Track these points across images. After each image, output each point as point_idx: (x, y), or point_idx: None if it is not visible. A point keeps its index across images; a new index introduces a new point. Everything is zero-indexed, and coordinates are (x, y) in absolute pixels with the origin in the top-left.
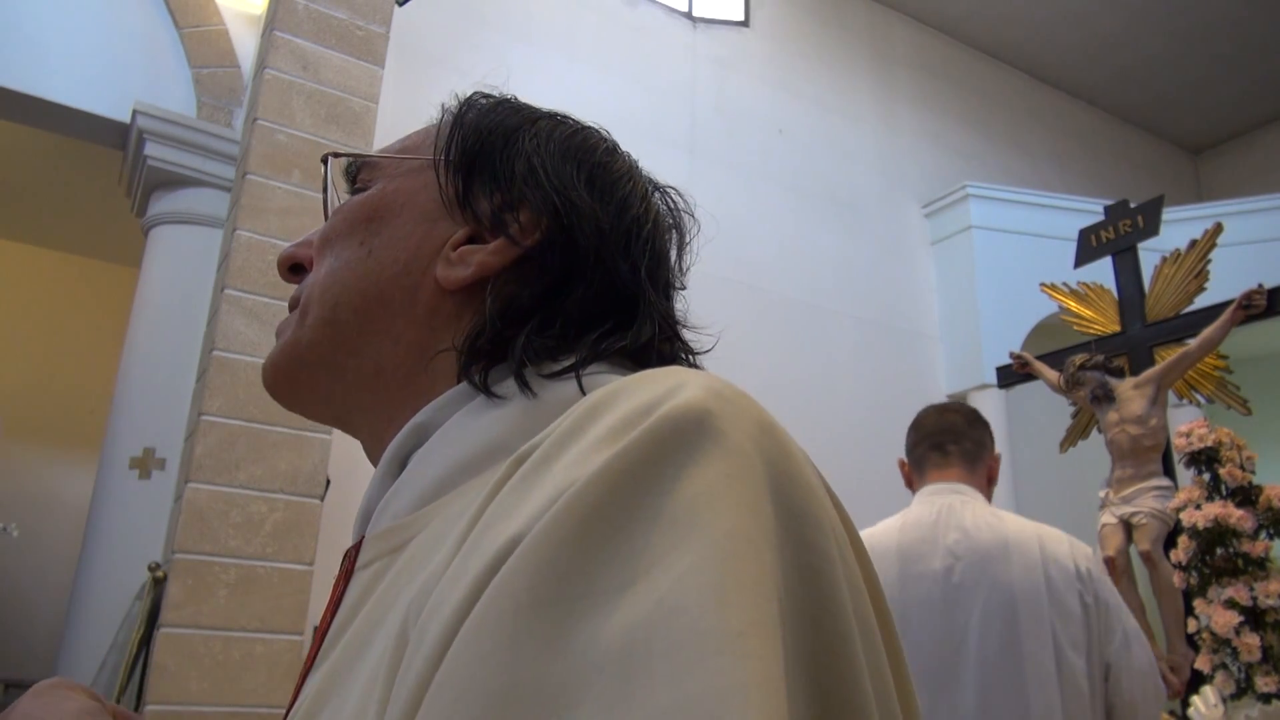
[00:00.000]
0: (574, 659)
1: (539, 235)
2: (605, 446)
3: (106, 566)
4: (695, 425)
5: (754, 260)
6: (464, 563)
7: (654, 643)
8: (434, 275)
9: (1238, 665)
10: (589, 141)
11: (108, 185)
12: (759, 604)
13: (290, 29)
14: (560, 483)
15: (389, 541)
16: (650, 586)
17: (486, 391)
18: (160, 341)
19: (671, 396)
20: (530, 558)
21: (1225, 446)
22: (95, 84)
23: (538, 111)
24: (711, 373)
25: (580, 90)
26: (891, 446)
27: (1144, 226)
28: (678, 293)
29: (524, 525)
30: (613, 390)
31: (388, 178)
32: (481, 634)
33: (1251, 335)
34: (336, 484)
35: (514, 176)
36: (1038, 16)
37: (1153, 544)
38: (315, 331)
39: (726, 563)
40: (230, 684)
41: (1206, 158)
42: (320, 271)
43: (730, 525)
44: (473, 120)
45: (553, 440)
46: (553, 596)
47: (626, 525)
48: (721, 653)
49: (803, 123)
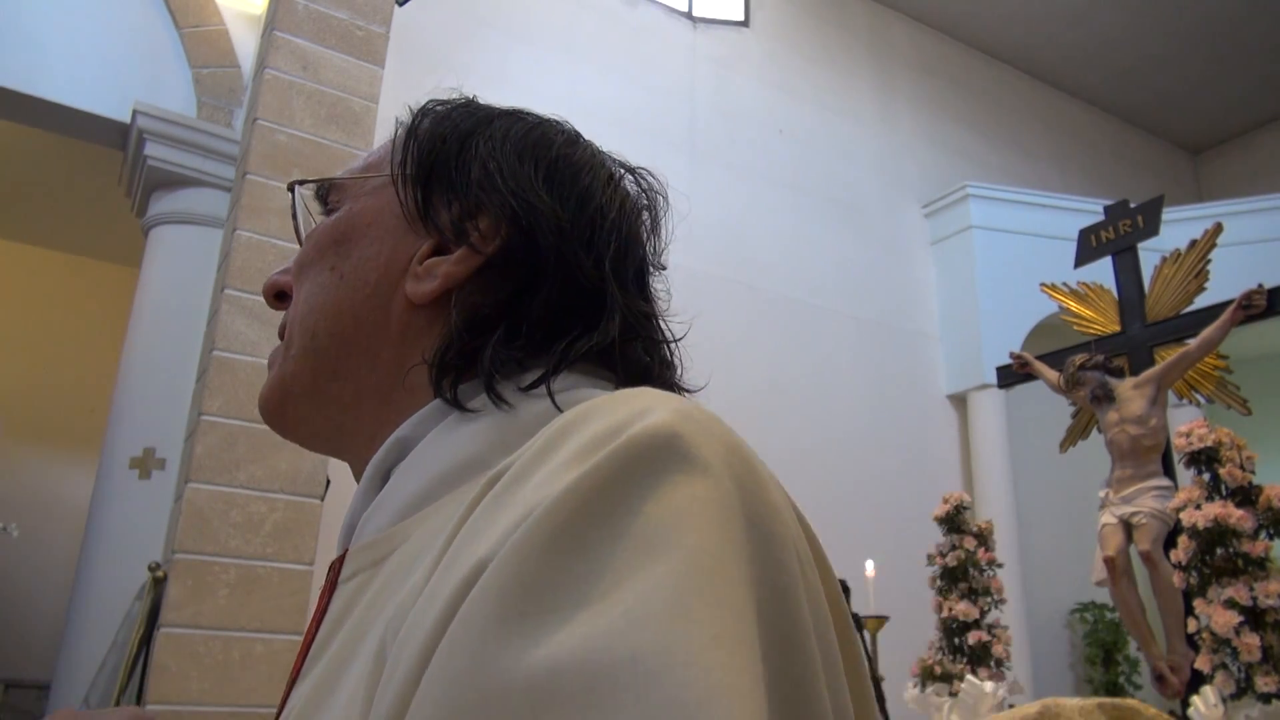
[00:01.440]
0: (543, 673)
1: (499, 241)
2: (574, 466)
3: (106, 566)
4: (663, 446)
5: (754, 260)
6: (438, 583)
7: (618, 653)
8: (403, 292)
9: (1238, 665)
10: (546, 136)
11: (108, 185)
12: (725, 618)
13: (290, 29)
14: (530, 502)
15: (370, 555)
16: (617, 600)
17: (459, 406)
18: (160, 341)
19: (640, 418)
20: (499, 576)
21: (1225, 446)
22: (95, 84)
23: (494, 111)
24: (681, 396)
25: (580, 90)
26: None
27: (1144, 226)
28: (657, 273)
29: (494, 545)
30: (583, 411)
31: (353, 198)
32: (454, 652)
33: (1251, 335)
34: (336, 484)
35: (470, 183)
36: (1038, 16)
37: (1153, 544)
38: (297, 363)
39: (693, 578)
40: (230, 684)
41: (1206, 158)
42: (298, 300)
43: (698, 543)
44: (426, 129)
45: (523, 461)
46: (521, 612)
47: (594, 542)
48: (689, 664)
49: (803, 123)
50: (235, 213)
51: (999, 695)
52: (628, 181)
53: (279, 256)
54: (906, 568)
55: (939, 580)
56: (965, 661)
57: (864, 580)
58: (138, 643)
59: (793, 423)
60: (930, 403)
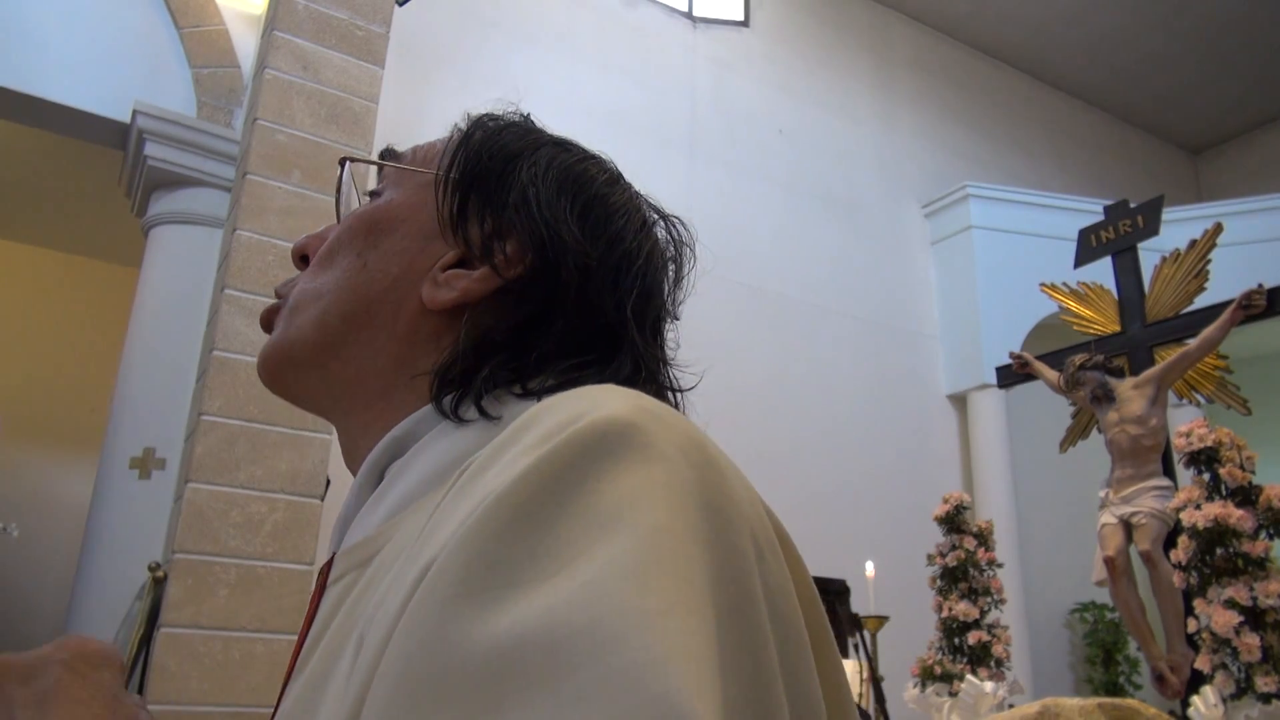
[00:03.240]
0: (499, 642)
1: (522, 268)
2: (531, 452)
3: (106, 566)
4: (619, 434)
5: (754, 260)
6: (403, 571)
7: (575, 622)
8: (420, 293)
9: (1238, 665)
10: (588, 173)
11: (108, 185)
12: (680, 588)
13: (290, 29)
14: (488, 488)
15: (357, 556)
16: (575, 573)
17: (455, 418)
18: (160, 341)
19: (597, 409)
20: (456, 555)
21: (1225, 446)
22: (95, 84)
23: (544, 138)
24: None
25: (580, 90)
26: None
27: (1144, 226)
28: (671, 323)
29: (452, 530)
30: (546, 404)
31: (395, 188)
32: (412, 627)
33: (1251, 335)
34: (336, 484)
35: (506, 205)
36: (1038, 16)
37: (1153, 544)
38: (302, 331)
39: (649, 552)
40: (230, 684)
41: (1206, 158)
42: (317, 276)
43: (653, 520)
44: (477, 141)
45: (486, 453)
46: (478, 587)
47: (550, 521)
48: (644, 629)
49: (802, 123)
50: (235, 213)
51: (999, 695)
52: (659, 228)
53: (279, 256)
54: (906, 568)
55: (939, 580)
56: (965, 661)
57: (864, 580)
58: (138, 643)
59: (793, 422)
60: (930, 402)
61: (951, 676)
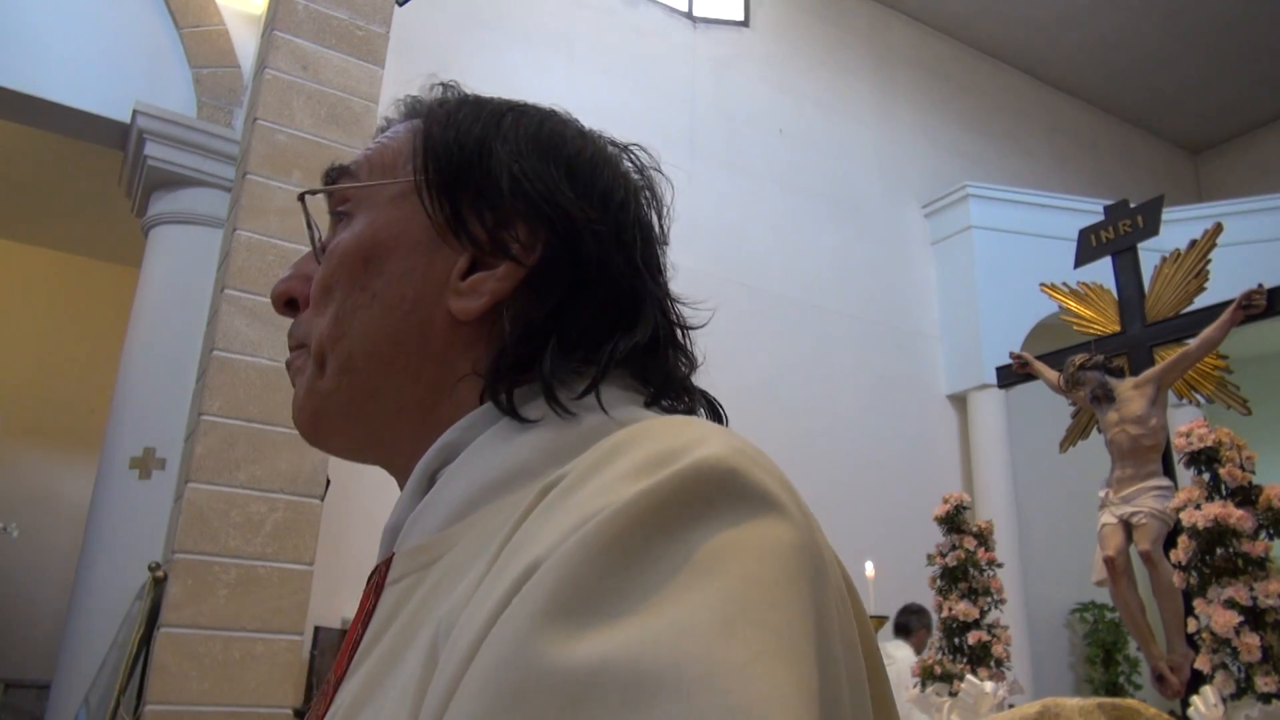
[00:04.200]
0: (582, 666)
1: (540, 251)
2: (633, 481)
3: (106, 566)
4: (720, 479)
5: (754, 260)
6: (492, 584)
7: (663, 659)
8: (444, 308)
9: (1238, 665)
10: (558, 131)
11: (108, 185)
12: (769, 639)
13: (290, 29)
14: (585, 511)
15: (419, 559)
16: (664, 612)
17: (516, 415)
18: (160, 341)
19: (697, 446)
20: (551, 575)
21: (1225, 446)
22: (95, 84)
23: (498, 108)
24: (728, 429)
25: (580, 90)
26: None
27: (1144, 226)
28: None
29: (547, 549)
30: (638, 431)
31: (369, 208)
32: (499, 643)
33: (1251, 335)
34: (336, 484)
35: (501, 192)
36: (1038, 16)
37: (1153, 544)
38: (333, 381)
39: (739, 602)
40: (230, 684)
41: (1206, 158)
42: (325, 319)
43: (745, 572)
44: (439, 136)
45: (578, 472)
46: (569, 610)
47: (649, 557)
48: (729, 675)
49: (803, 123)
50: (235, 213)
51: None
52: (626, 164)
53: (279, 256)
54: (906, 568)
55: (939, 580)
56: (965, 661)
57: (864, 580)
58: (138, 643)
59: (792, 423)
60: (930, 402)
61: (951, 676)
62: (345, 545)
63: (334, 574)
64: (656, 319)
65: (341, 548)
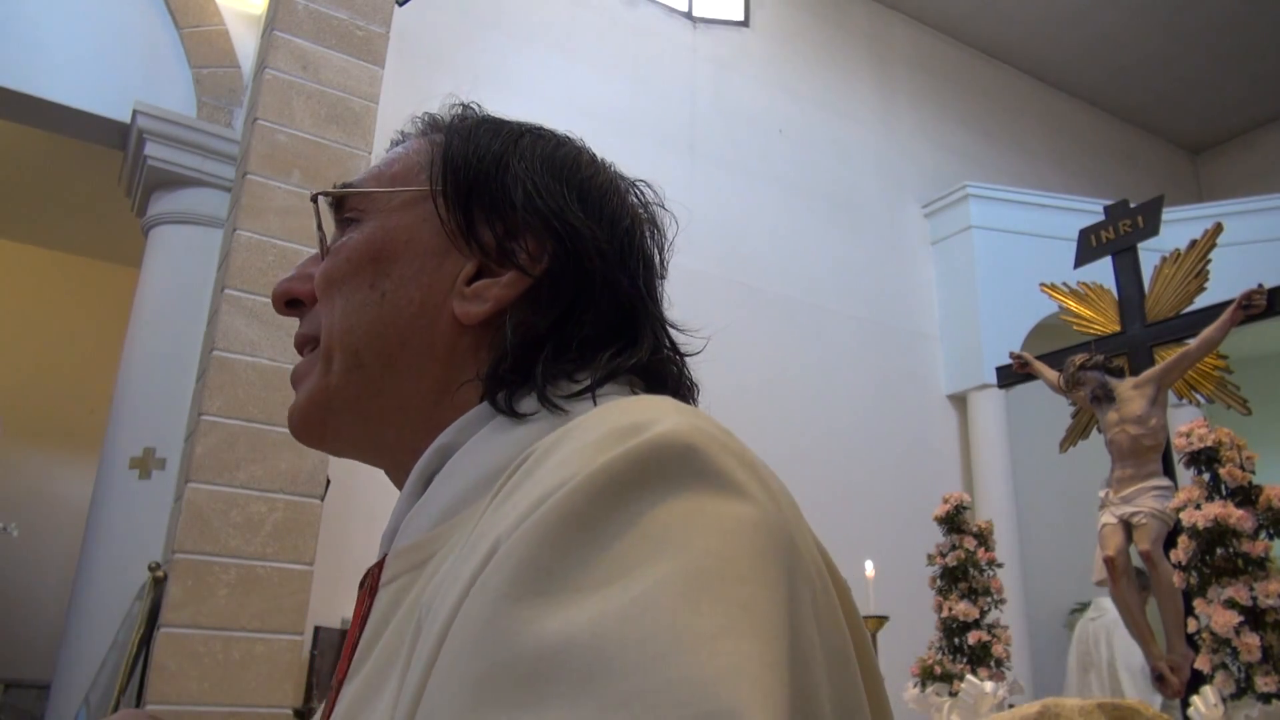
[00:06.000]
0: (546, 642)
1: (546, 263)
2: (589, 456)
3: (106, 566)
4: (680, 455)
5: (753, 260)
6: (461, 565)
7: (625, 633)
8: (449, 311)
9: (1238, 665)
10: (572, 156)
11: (108, 185)
12: (734, 614)
13: (290, 29)
14: (545, 487)
15: (410, 558)
16: (628, 587)
17: (514, 414)
18: (160, 341)
19: (656, 422)
20: (514, 552)
21: (1225, 446)
22: (95, 84)
23: (516, 129)
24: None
25: (580, 91)
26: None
27: (1144, 226)
28: (661, 283)
29: (509, 527)
30: (601, 410)
31: (381, 212)
32: (466, 623)
33: (1251, 335)
34: (336, 484)
35: (514, 205)
36: (1038, 16)
37: (1153, 544)
38: (341, 377)
39: (701, 576)
40: (230, 684)
41: (1206, 158)
42: (333, 315)
43: (706, 546)
44: (459, 149)
45: (542, 450)
46: (531, 588)
47: (606, 532)
48: (695, 648)
49: (802, 123)
50: (235, 213)
51: (999, 695)
52: (632, 197)
53: (279, 256)
54: (906, 568)
55: (939, 580)
56: (965, 661)
57: (864, 580)
58: (138, 643)
59: (792, 423)
60: (930, 402)
61: (951, 676)
62: (345, 545)
63: (334, 574)
64: (657, 338)
65: (341, 548)
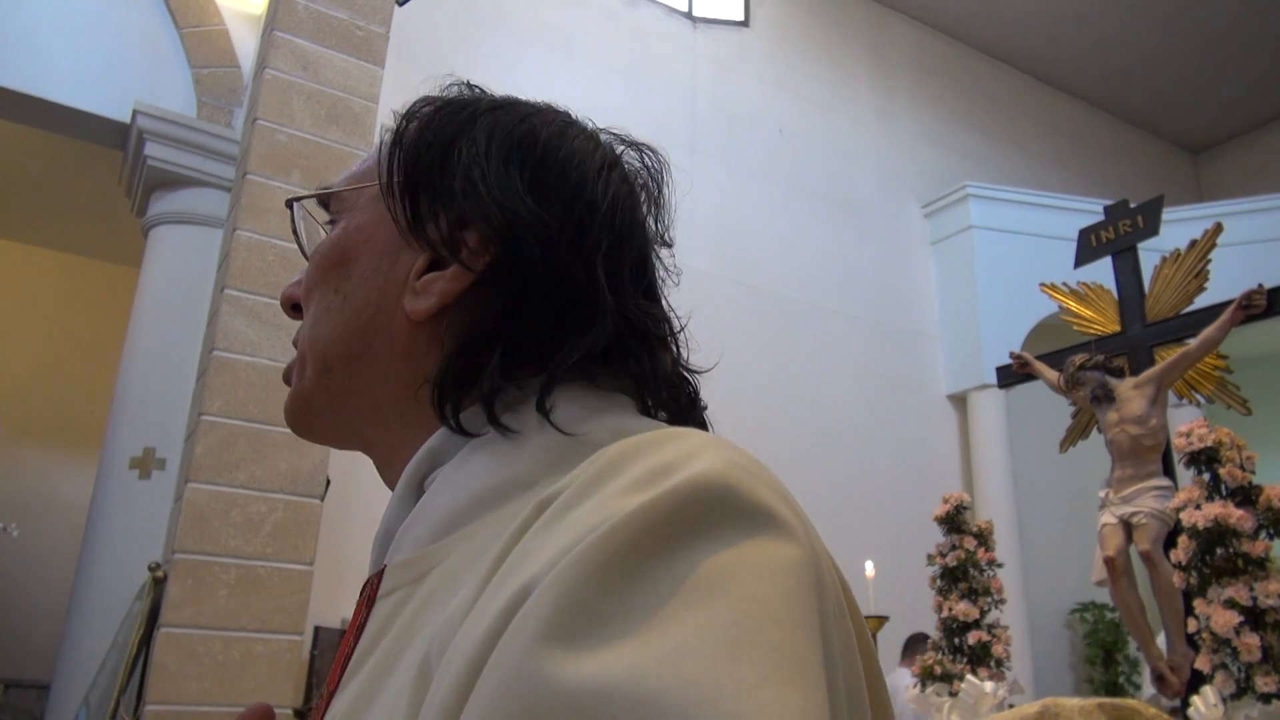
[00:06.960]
0: (585, 687)
1: (489, 256)
2: (628, 498)
3: (106, 566)
4: (718, 496)
5: (754, 260)
6: (487, 602)
7: (669, 680)
8: (403, 308)
9: (1238, 665)
10: (532, 132)
11: (108, 185)
12: (775, 660)
13: (290, 29)
14: (582, 526)
15: (409, 572)
16: (668, 633)
17: (459, 430)
18: (160, 341)
19: (691, 460)
20: (550, 594)
21: (1225, 446)
22: (95, 84)
23: (480, 106)
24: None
25: (580, 91)
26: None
27: (1144, 226)
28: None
29: (545, 566)
30: (632, 445)
31: (349, 211)
32: (503, 660)
33: (1251, 335)
34: (336, 484)
35: (454, 194)
36: (1038, 16)
37: (1153, 544)
38: (314, 382)
39: (744, 622)
40: (230, 684)
41: (1206, 158)
42: (307, 320)
43: (748, 591)
44: (411, 136)
45: (574, 489)
46: (571, 631)
47: (646, 576)
48: (737, 697)
49: (803, 123)
50: (235, 213)
51: (999, 695)
52: (628, 156)
53: (279, 256)
54: (906, 568)
55: (939, 580)
56: (965, 661)
57: (864, 580)
58: (138, 643)
59: (792, 422)
60: (930, 402)
61: (951, 676)
62: (345, 545)
63: (334, 574)
64: (618, 324)
65: (341, 548)
